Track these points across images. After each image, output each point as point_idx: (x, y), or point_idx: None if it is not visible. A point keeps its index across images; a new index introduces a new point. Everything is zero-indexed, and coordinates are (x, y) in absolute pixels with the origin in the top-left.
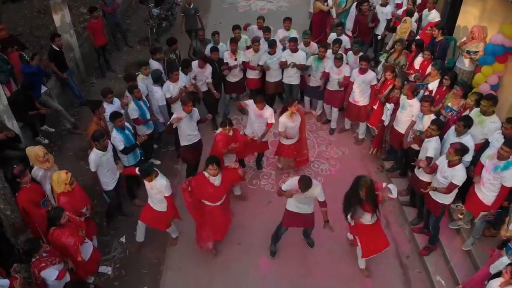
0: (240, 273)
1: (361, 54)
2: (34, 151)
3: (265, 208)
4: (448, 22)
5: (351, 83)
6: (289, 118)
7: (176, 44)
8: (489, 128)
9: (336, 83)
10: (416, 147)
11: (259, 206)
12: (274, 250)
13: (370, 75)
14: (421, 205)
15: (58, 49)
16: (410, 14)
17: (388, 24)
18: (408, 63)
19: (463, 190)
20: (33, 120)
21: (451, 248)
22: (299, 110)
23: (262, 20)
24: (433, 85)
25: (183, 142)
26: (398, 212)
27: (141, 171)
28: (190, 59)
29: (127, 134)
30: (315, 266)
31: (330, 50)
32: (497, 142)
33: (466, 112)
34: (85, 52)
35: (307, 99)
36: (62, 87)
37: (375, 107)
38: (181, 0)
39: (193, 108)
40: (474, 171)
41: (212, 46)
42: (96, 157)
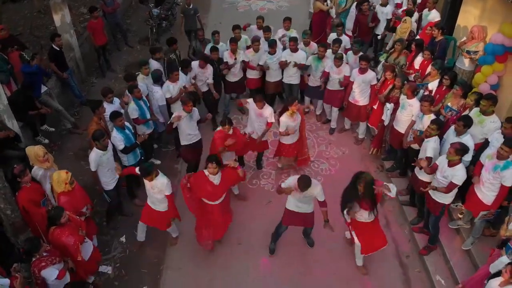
0: (240, 272)
1: (361, 54)
2: (34, 151)
3: (265, 208)
4: (448, 22)
5: (351, 83)
6: (289, 118)
7: (176, 44)
8: (488, 128)
9: (336, 83)
10: (416, 146)
11: (259, 206)
12: (273, 247)
13: (370, 75)
14: (421, 204)
15: (58, 49)
16: (410, 14)
17: (388, 24)
18: (408, 63)
19: (463, 190)
20: (33, 120)
21: (451, 247)
22: (299, 109)
23: (262, 20)
24: (433, 84)
25: (183, 142)
26: (398, 211)
27: (141, 170)
28: (189, 59)
29: (127, 134)
30: (315, 265)
31: (329, 50)
32: (496, 142)
33: (465, 112)
34: (85, 52)
35: (307, 99)
36: (62, 87)
37: (375, 107)
38: (181, 0)
39: (193, 107)
40: (473, 171)
41: (212, 46)
42: (96, 156)
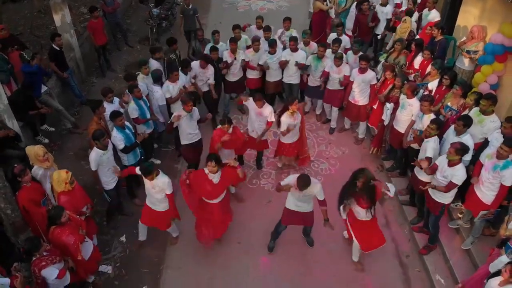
0: (240, 272)
1: (360, 53)
2: (34, 150)
3: (265, 208)
4: (448, 22)
5: (351, 83)
6: (290, 117)
7: (176, 44)
8: (488, 128)
9: (336, 82)
10: (415, 146)
11: (259, 205)
12: (273, 246)
13: (370, 75)
14: (421, 204)
15: (59, 48)
16: (410, 14)
17: (388, 24)
18: (407, 63)
19: (462, 190)
20: (33, 120)
21: (451, 247)
22: (299, 108)
23: (261, 20)
24: (432, 84)
25: (184, 141)
26: (397, 211)
27: (142, 169)
28: (189, 59)
29: (127, 133)
30: (315, 265)
31: (329, 50)
32: (496, 142)
33: (465, 112)
34: (85, 51)
35: (307, 99)
36: (63, 87)
37: (374, 107)
38: (181, 0)
39: (193, 107)
40: (473, 171)
41: (211, 45)
42: (96, 156)
